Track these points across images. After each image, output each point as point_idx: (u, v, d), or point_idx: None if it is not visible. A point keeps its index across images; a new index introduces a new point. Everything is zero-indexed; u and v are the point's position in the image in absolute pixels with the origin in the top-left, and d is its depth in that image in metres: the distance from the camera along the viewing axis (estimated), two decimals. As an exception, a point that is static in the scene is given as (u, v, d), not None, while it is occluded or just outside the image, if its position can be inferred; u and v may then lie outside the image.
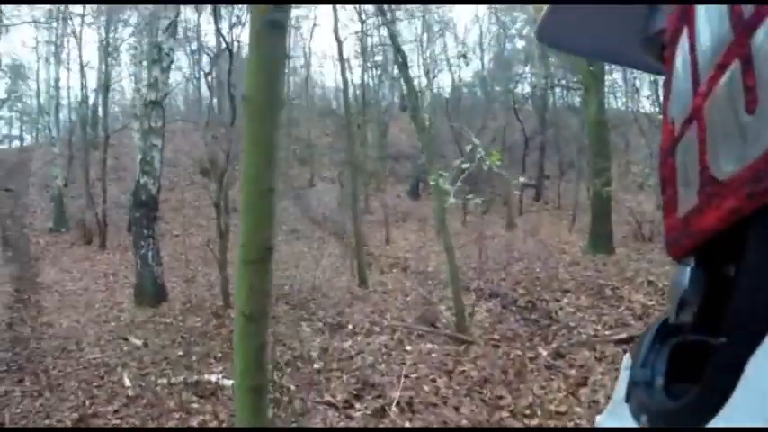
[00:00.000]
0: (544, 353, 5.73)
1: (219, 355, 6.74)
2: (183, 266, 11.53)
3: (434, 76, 29.10)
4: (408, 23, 27.99)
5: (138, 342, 7.57)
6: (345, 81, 13.09)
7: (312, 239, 16.54)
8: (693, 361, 0.37)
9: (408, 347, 6.43)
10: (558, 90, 26.32)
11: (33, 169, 21.94)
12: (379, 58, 28.24)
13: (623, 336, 5.78)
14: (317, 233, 17.80)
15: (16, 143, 31.56)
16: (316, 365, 6.05)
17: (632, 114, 22.23)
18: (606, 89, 15.97)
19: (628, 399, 0.46)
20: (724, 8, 0.32)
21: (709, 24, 0.35)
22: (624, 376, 0.48)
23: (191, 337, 7.55)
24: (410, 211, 21.03)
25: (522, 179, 8.03)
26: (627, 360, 0.49)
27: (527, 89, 26.53)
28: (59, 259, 14.31)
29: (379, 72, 30.08)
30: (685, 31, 0.38)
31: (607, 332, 6.16)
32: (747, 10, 0.30)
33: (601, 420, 0.53)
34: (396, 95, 33.20)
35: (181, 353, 6.90)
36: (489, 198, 20.62)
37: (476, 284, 8.88)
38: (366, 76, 27.31)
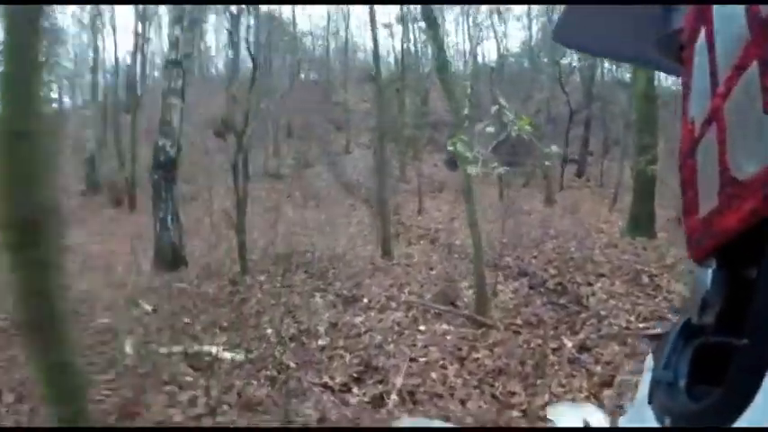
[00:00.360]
0: (569, 344, 5.18)
1: (225, 324, 6.43)
2: (208, 230, 11.33)
3: (478, 44, 27.99)
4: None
5: (149, 308, 7.35)
6: (376, 42, 12.43)
7: (342, 206, 16.16)
8: (716, 362, 0.37)
9: (422, 327, 5.97)
10: (606, 63, 24.94)
11: (68, 132, 22.15)
12: (423, 23, 27.27)
13: (658, 331, 5.17)
14: (349, 200, 17.39)
15: (55, 106, 32.05)
16: (321, 342, 5.68)
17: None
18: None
19: (650, 400, 0.45)
20: (741, 8, 0.32)
21: (726, 24, 0.34)
22: (647, 377, 0.48)
23: (202, 303, 7.29)
24: (447, 181, 20.37)
25: (554, 147, 7.32)
26: (649, 361, 0.49)
27: (575, 62, 25.13)
28: (88, 221, 14.32)
29: (423, 37, 29.23)
30: (703, 31, 0.38)
31: (641, 324, 5.55)
32: (765, 9, 0.30)
33: (623, 422, 0.54)
34: (438, 62, 32.23)
35: (188, 320, 6.63)
36: (530, 171, 19.87)
37: (504, 262, 8.33)
38: (406, 42, 26.41)
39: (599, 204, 16.72)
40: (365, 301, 7.16)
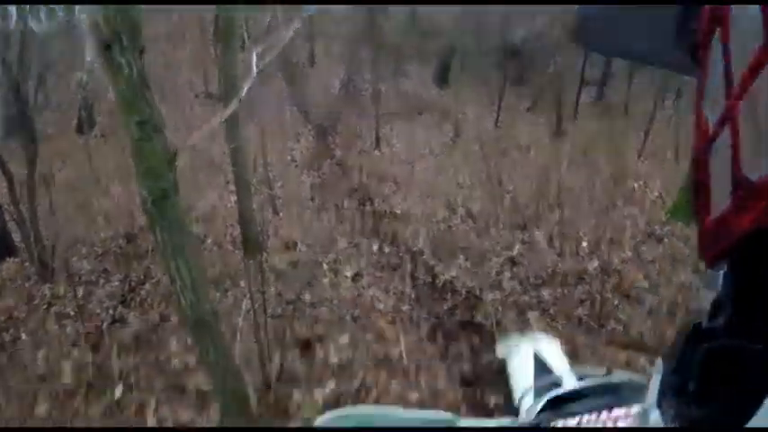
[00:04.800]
0: None
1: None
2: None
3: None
4: None
5: None
6: None
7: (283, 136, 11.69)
8: (728, 366, 0.35)
9: None
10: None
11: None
12: None
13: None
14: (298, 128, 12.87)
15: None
16: None
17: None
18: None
19: (659, 404, 0.44)
20: (756, 8, 0.31)
21: (741, 25, 0.34)
22: (656, 380, 0.45)
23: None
24: (432, 101, 15.74)
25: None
26: (659, 365, 0.46)
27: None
28: None
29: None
30: (718, 32, 0.37)
31: None
32: None
33: (631, 425, 0.54)
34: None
35: None
36: (538, 90, 15.29)
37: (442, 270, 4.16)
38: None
39: (623, 142, 12.25)
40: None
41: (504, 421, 1.19)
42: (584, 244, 4.96)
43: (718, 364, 0.37)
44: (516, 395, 1.53)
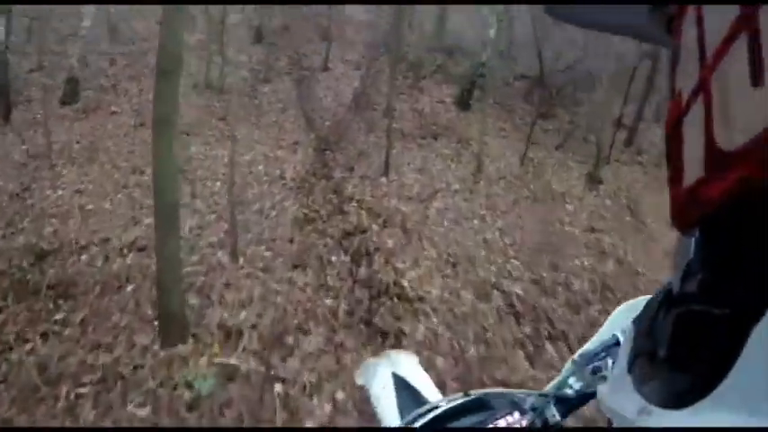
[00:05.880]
0: None
1: None
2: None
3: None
4: None
5: None
6: None
7: (278, 145, 9.87)
8: (697, 331, 0.36)
9: None
10: None
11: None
12: None
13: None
14: (298, 135, 11.05)
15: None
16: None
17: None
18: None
19: (630, 369, 0.44)
20: None
21: None
22: (627, 346, 0.46)
23: None
24: (451, 125, 14.00)
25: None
26: (630, 330, 0.47)
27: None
28: None
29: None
30: (693, 3, 0.37)
31: None
32: None
33: (602, 391, 0.51)
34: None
35: None
36: (570, 128, 13.65)
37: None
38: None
39: (662, 195, 10.52)
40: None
41: None
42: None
43: (687, 329, 0.36)
44: (384, 421, 1.34)
